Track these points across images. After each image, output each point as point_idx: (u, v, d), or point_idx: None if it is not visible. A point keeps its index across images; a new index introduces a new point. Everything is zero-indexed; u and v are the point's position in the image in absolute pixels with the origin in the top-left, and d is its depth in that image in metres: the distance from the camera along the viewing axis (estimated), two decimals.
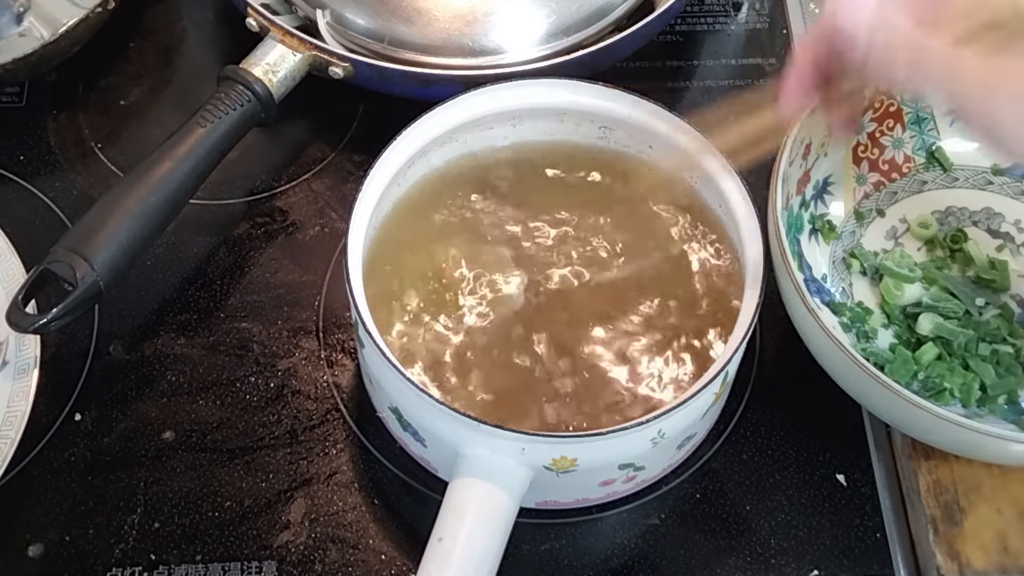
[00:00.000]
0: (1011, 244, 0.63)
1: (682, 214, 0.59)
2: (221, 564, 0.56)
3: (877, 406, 0.55)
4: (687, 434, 0.54)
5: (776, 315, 0.58)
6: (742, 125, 0.57)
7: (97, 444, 0.59)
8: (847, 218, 0.64)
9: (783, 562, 0.56)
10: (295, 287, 0.65)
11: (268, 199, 0.69)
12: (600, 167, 0.61)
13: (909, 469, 0.57)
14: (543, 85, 0.59)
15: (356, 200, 0.54)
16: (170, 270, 0.65)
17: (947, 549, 0.54)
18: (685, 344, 0.55)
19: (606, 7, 0.69)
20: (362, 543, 0.56)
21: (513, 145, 0.61)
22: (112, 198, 0.58)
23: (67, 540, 0.56)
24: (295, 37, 0.65)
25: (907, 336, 0.59)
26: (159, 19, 0.77)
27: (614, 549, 0.57)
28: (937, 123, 0.65)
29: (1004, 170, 0.65)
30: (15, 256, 0.61)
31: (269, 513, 0.57)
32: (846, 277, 0.62)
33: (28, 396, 0.56)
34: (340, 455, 0.59)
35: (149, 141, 0.66)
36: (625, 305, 0.57)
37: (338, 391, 0.61)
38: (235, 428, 0.60)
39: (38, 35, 0.69)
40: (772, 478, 0.59)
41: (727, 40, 0.76)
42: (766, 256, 0.54)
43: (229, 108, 0.62)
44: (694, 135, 0.57)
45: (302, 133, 0.72)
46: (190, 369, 0.62)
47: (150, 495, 0.58)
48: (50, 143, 0.71)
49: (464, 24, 0.68)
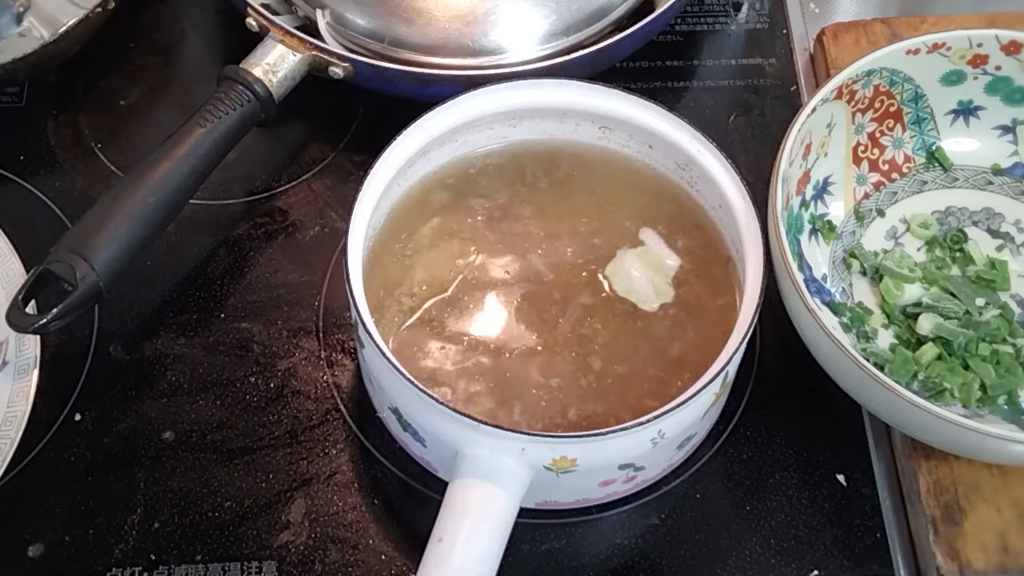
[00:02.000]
0: (1011, 244, 0.63)
1: (682, 214, 0.59)
2: (221, 564, 0.56)
3: (877, 406, 0.55)
4: (687, 434, 0.53)
5: (776, 315, 0.58)
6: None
7: (97, 444, 0.59)
8: (847, 218, 0.64)
9: (783, 562, 0.56)
10: (295, 287, 0.65)
11: (268, 199, 0.69)
12: (600, 167, 0.61)
13: (909, 469, 0.57)
14: (543, 85, 0.59)
15: (356, 200, 0.54)
16: (170, 270, 0.65)
17: (947, 549, 0.54)
18: (685, 344, 0.55)
19: (606, 7, 0.69)
20: (362, 543, 0.57)
21: (513, 145, 0.61)
22: (112, 198, 0.58)
23: (67, 540, 0.56)
24: (295, 37, 0.65)
25: (907, 336, 0.60)
26: (159, 19, 0.77)
27: (614, 549, 0.57)
28: (937, 123, 0.65)
29: (1004, 170, 0.65)
30: (15, 256, 0.61)
31: (269, 513, 0.57)
32: (846, 277, 0.62)
33: (28, 396, 0.56)
34: (340, 455, 0.59)
35: (149, 141, 0.66)
36: (626, 304, 0.57)
37: (338, 391, 0.61)
38: (235, 428, 0.60)
39: (38, 35, 0.69)
40: (772, 478, 0.59)
41: (727, 40, 0.76)
42: (766, 256, 0.54)
43: (229, 108, 0.62)
44: (694, 135, 0.57)
45: (302, 133, 0.72)
46: (190, 369, 0.62)
47: (150, 495, 0.58)
48: (50, 143, 0.71)
49: (464, 24, 0.68)
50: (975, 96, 0.64)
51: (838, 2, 0.80)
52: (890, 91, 0.63)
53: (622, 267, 0.57)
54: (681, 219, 0.59)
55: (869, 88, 0.62)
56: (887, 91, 0.63)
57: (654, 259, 0.58)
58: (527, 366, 0.55)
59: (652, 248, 0.58)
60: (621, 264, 0.58)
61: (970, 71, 0.63)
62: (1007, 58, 0.62)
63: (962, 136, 0.65)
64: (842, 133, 0.63)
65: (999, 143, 0.65)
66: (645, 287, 0.57)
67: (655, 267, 0.57)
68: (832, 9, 0.79)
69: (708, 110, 0.72)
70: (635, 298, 0.57)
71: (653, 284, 0.57)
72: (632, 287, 0.57)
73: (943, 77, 0.63)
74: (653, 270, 0.57)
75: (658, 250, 0.58)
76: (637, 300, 0.57)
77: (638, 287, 0.57)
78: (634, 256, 0.58)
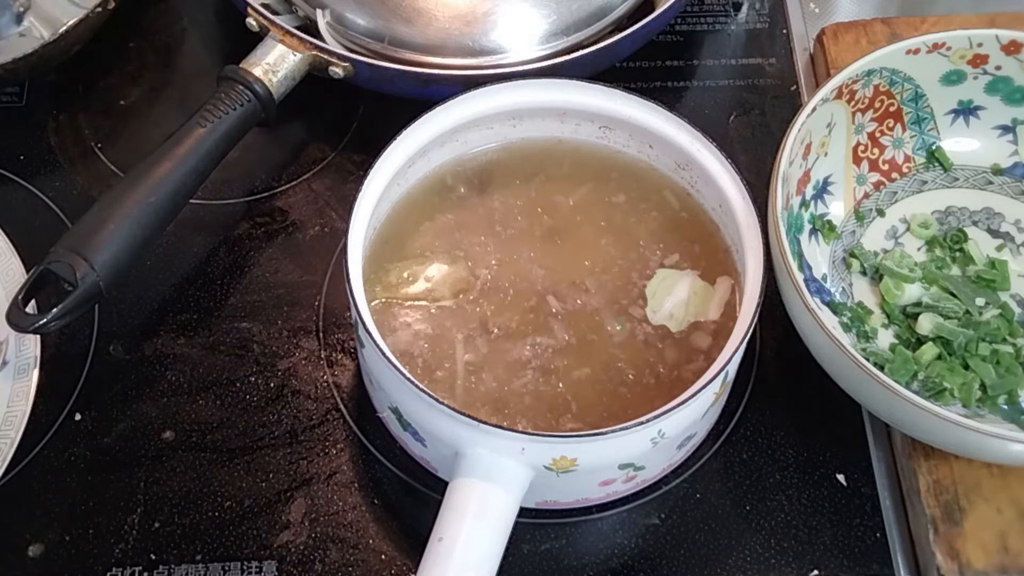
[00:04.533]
0: (1011, 244, 0.63)
1: (682, 214, 0.59)
2: (221, 564, 0.56)
3: (877, 406, 0.55)
4: (687, 434, 0.53)
5: (776, 315, 0.58)
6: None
7: (97, 444, 0.59)
8: (847, 218, 0.64)
9: (783, 562, 0.56)
10: (295, 287, 0.65)
11: (268, 199, 0.69)
12: (600, 167, 0.61)
13: (909, 469, 0.57)
14: (543, 85, 0.59)
15: (356, 200, 0.54)
16: (170, 270, 0.65)
17: (947, 549, 0.54)
18: (684, 343, 0.55)
19: (606, 7, 0.69)
20: (362, 543, 0.57)
21: (513, 145, 0.61)
22: (112, 198, 0.58)
23: (67, 540, 0.56)
24: (295, 37, 0.65)
25: (907, 336, 0.60)
26: (159, 19, 0.77)
27: (614, 549, 0.57)
28: (937, 123, 0.65)
29: (1004, 170, 0.65)
30: (15, 256, 0.61)
31: (269, 513, 0.57)
32: (846, 277, 0.62)
33: (28, 396, 0.56)
34: (340, 455, 0.59)
35: (149, 141, 0.66)
36: (627, 304, 0.57)
37: (338, 391, 0.61)
38: (235, 428, 0.60)
39: (38, 35, 0.69)
40: (772, 478, 0.59)
41: (727, 40, 0.76)
42: (766, 256, 0.54)
43: (229, 108, 0.62)
44: (694, 135, 0.57)
45: (302, 133, 0.72)
46: (190, 369, 0.62)
47: (150, 495, 0.58)
48: (50, 143, 0.71)
49: (464, 24, 0.68)
50: (975, 96, 0.64)
51: (838, 2, 0.80)
52: (890, 91, 0.63)
53: (665, 286, 0.57)
54: (683, 219, 0.59)
55: (869, 88, 0.62)
56: (887, 91, 0.63)
57: (699, 294, 0.57)
58: (530, 364, 0.55)
59: (699, 282, 0.57)
60: (665, 283, 0.57)
61: (970, 71, 0.63)
62: (1007, 58, 0.62)
63: (962, 136, 0.65)
64: (842, 133, 0.63)
65: (999, 143, 0.65)
66: (676, 309, 0.56)
67: (695, 299, 0.57)
68: (832, 9, 0.79)
69: (708, 110, 0.72)
70: (662, 318, 0.56)
71: (685, 309, 0.57)
72: (663, 307, 0.57)
73: (943, 77, 0.63)
74: (691, 301, 0.57)
75: (705, 291, 0.57)
76: (665, 320, 0.56)
77: (669, 307, 0.57)
78: (684, 282, 0.57)
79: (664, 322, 0.56)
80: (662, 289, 0.57)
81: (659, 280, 0.57)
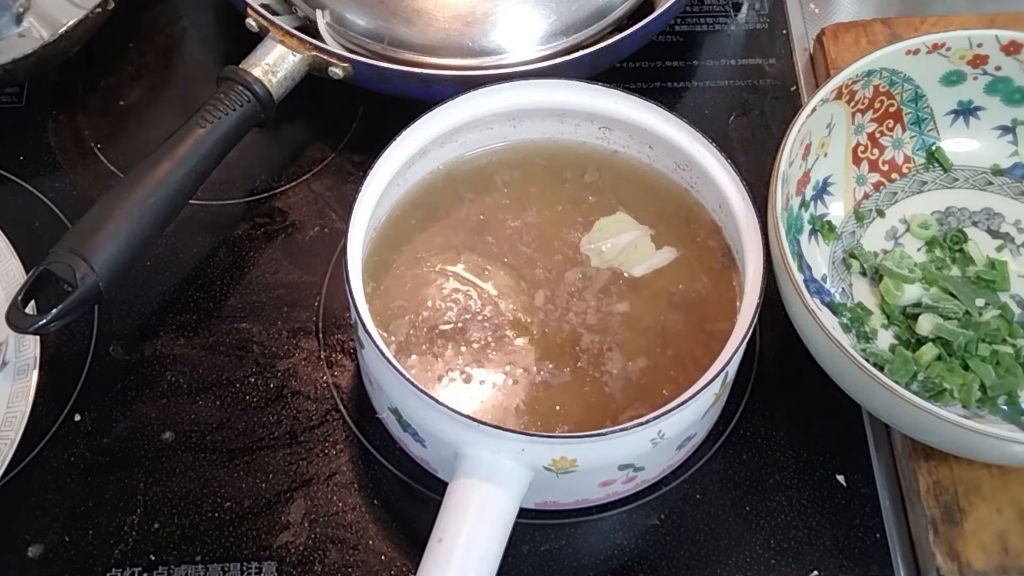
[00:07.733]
0: (1011, 244, 0.63)
1: (682, 214, 0.59)
2: (221, 565, 0.56)
3: (877, 407, 0.55)
4: (687, 435, 0.53)
5: (776, 315, 0.58)
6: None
7: (97, 444, 0.59)
8: (847, 218, 0.64)
9: (783, 562, 0.56)
10: (295, 287, 0.65)
11: (268, 199, 0.69)
12: (600, 167, 0.61)
13: (909, 469, 0.57)
14: (543, 85, 0.59)
15: (356, 200, 0.54)
16: (170, 270, 0.65)
17: (947, 549, 0.54)
18: (685, 344, 0.55)
19: (606, 7, 0.69)
20: (362, 543, 0.57)
21: (513, 145, 0.61)
22: (112, 198, 0.58)
23: (67, 540, 0.56)
24: (295, 37, 0.65)
25: (907, 336, 0.60)
26: (159, 19, 0.77)
27: (614, 549, 0.57)
28: (937, 123, 0.65)
29: (1004, 170, 0.65)
30: (15, 256, 0.61)
31: (269, 513, 0.57)
32: (846, 277, 0.62)
33: (28, 396, 0.56)
34: (340, 456, 0.59)
35: (149, 141, 0.66)
36: (627, 303, 0.57)
37: (338, 391, 0.61)
38: (235, 428, 0.60)
39: (38, 35, 0.69)
40: (772, 478, 0.59)
41: (727, 40, 0.76)
42: (766, 256, 0.54)
43: (229, 108, 0.62)
44: (694, 135, 0.57)
45: (302, 133, 0.72)
46: (190, 369, 0.62)
47: (150, 496, 0.58)
48: (50, 143, 0.71)
49: (464, 24, 0.68)
50: (975, 96, 0.64)
51: (838, 2, 0.80)
52: (890, 91, 0.63)
53: (600, 234, 0.57)
54: (682, 219, 0.59)
55: (869, 88, 0.62)
56: (887, 91, 0.63)
57: (640, 248, 0.58)
58: (530, 364, 0.55)
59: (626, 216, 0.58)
60: (616, 225, 0.57)
61: (970, 71, 0.63)
62: (1007, 58, 0.62)
63: (962, 136, 0.65)
64: (842, 133, 0.63)
65: (999, 143, 0.65)
66: (627, 249, 0.57)
67: (630, 250, 0.57)
68: (832, 9, 0.79)
69: (708, 110, 0.72)
70: (621, 263, 0.57)
71: (615, 254, 0.57)
72: (613, 253, 0.57)
73: (943, 77, 0.63)
74: (626, 250, 0.57)
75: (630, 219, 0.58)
76: (622, 265, 0.57)
77: (620, 248, 0.57)
78: (632, 233, 0.58)
79: (587, 252, 0.57)
80: (610, 228, 0.57)
81: (613, 220, 0.57)
